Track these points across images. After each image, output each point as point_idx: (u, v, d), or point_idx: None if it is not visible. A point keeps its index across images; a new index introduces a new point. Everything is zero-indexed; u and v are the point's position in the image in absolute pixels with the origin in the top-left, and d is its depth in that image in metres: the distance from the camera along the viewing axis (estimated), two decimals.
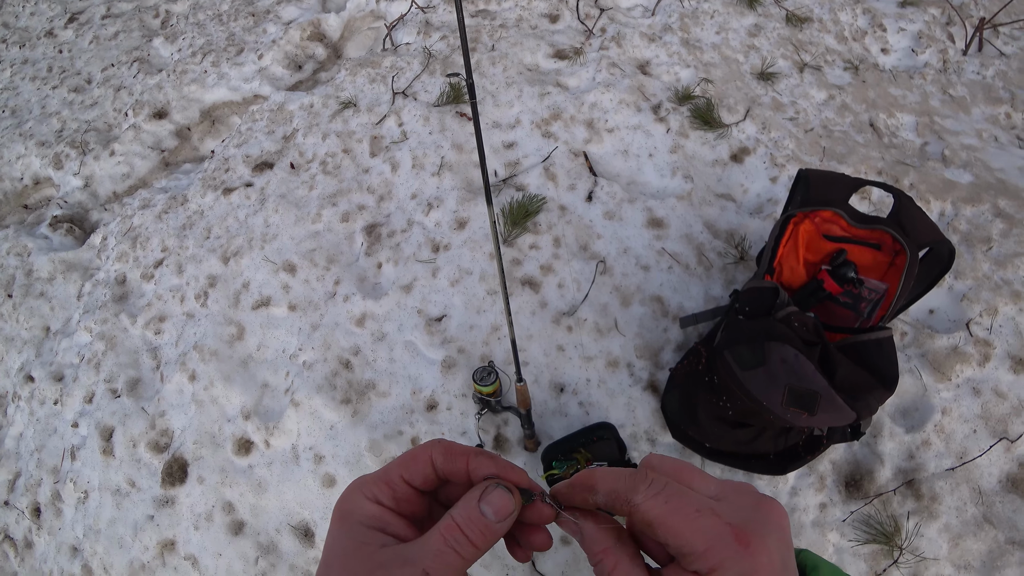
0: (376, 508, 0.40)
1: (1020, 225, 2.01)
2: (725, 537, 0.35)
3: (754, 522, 0.36)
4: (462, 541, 0.38)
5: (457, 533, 0.38)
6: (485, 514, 0.39)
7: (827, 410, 1.21)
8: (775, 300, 1.36)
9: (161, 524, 1.92)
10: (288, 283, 2.18)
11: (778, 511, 0.38)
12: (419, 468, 0.42)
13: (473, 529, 0.39)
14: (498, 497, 0.40)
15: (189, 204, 2.69)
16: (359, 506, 0.40)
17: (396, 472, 0.42)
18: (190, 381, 2.11)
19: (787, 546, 0.37)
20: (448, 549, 0.38)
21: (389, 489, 0.41)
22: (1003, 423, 1.66)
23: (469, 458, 0.42)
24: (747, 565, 0.35)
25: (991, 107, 2.58)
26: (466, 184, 2.22)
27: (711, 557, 0.35)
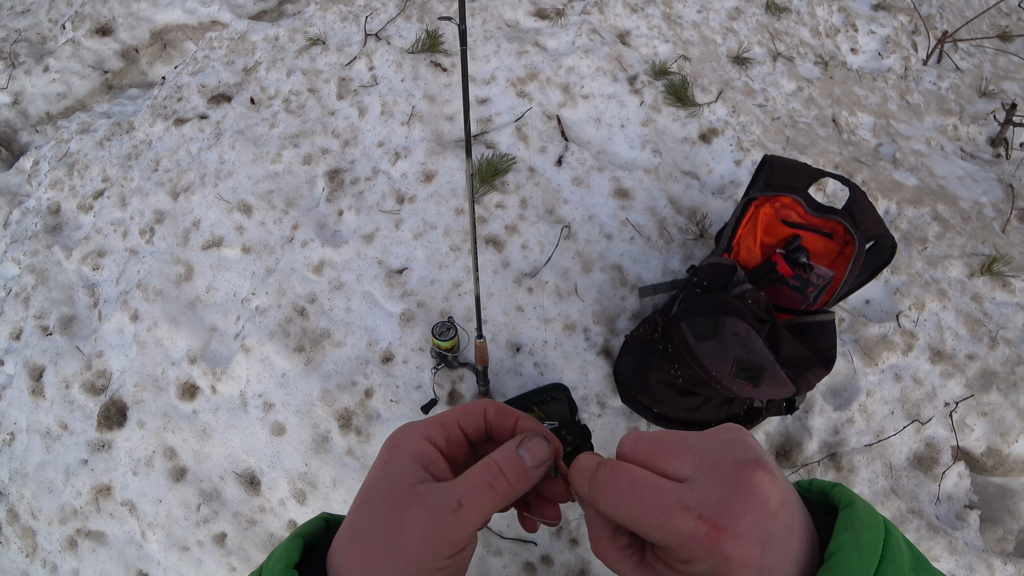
0: (427, 446, 0.43)
1: (953, 230, 2.16)
2: (696, 533, 0.35)
3: (727, 507, 0.35)
4: (499, 478, 0.41)
5: (495, 470, 0.41)
6: (523, 458, 0.42)
7: (770, 383, 1.28)
8: (732, 277, 1.42)
9: (96, 469, 1.85)
10: (243, 224, 2.08)
11: (759, 483, 0.36)
12: (474, 418, 0.45)
13: (510, 469, 0.41)
14: (535, 445, 0.43)
15: (135, 132, 2.50)
16: (410, 441, 0.43)
17: (453, 418, 0.45)
18: (132, 321, 2.01)
19: (770, 518, 0.36)
20: (484, 483, 0.40)
21: (444, 430, 0.44)
22: (917, 407, 1.81)
23: (519, 419, 0.46)
24: (718, 557, 0.35)
25: (942, 117, 2.72)
26: (436, 136, 2.16)
27: (683, 551, 0.36)
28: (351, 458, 1.73)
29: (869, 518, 0.37)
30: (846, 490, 0.40)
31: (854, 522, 0.37)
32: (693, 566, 0.36)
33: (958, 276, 2.04)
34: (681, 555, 0.36)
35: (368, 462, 1.71)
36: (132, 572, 1.81)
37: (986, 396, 1.84)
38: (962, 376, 1.85)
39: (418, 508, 0.39)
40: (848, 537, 0.36)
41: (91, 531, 1.83)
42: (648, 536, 0.38)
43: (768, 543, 0.36)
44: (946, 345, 1.89)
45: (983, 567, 1.66)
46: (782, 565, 0.36)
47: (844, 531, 0.36)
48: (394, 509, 0.39)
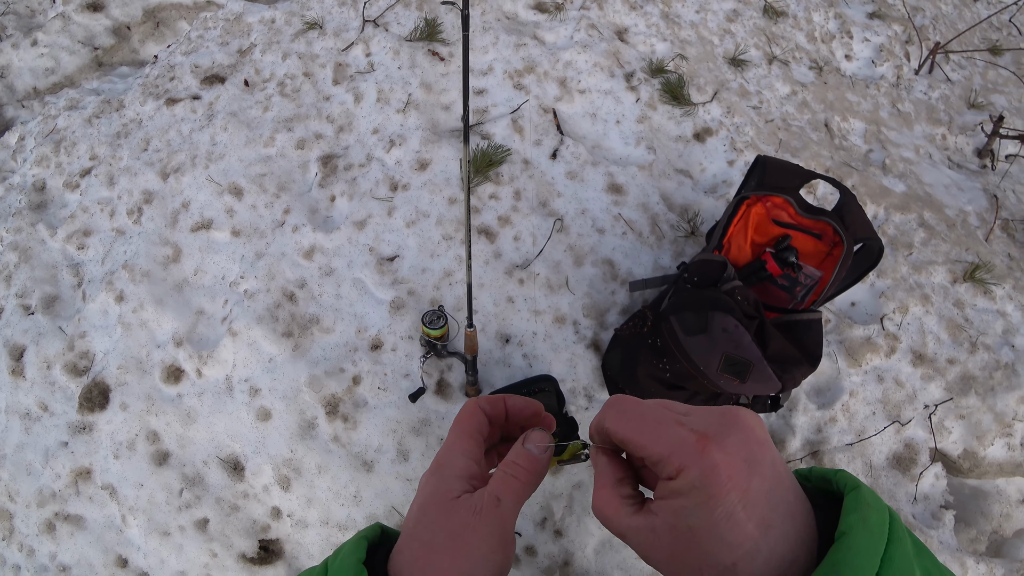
0: (470, 462, 0.50)
1: (938, 237, 2.19)
2: (686, 442, 0.39)
3: (717, 426, 0.40)
4: (517, 469, 0.48)
5: (511, 466, 0.49)
6: (530, 450, 0.49)
7: (757, 379, 1.29)
8: (723, 273, 1.43)
9: (76, 451, 1.83)
10: (233, 207, 2.06)
11: (744, 415, 0.41)
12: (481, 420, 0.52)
13: (523, 460, 0.49)
14: (536, 435, 0.51)
15: (125, 111, 2.46)
16: (455, 461, 0.50)
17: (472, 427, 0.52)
18: (117, 302, 1.98)
19: (756, 443, 0.40)
20: (508, 476, 0.48)
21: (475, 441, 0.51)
22: (897, 408, 1.85)
23: (504, 400, 0.54)
24: (706, 462, 0.38)
25: (931, 127, 2.76)
26: (432, 125, 2.15)
27: (675, 460, 0.39)
28: (337, 445, 1.72)
29: (874, 501, 0.39)
30: (850, 475, 0.42)
31: (861, 504, 0.38)
32: (684, 476, 0.39)
33: (941, 282, 2.08)
34: (673, 463, 0.39)
35: (354, 449, 1.71)
36: (111, 557, 1.79)
37: (965, 400, 1.87)
38: (942, 380, 1.89)
39: (466, 511, 0.46)
40: (857, 518, 0.37)
41: (70, 515, 1.81)
42: (643, 448, 0.41)
43: (754, 465, 0.38)
44: (928, 349, 1.92)
45: (956, 566, 1.70)
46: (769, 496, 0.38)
47: (852, 512, 0.37)
48: (448, 517, 0.46)
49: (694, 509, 0.38)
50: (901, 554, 0.36)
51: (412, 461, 1.69)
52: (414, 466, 1.69)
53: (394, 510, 1.67)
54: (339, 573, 0.44)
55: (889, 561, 0.35)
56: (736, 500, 0.37)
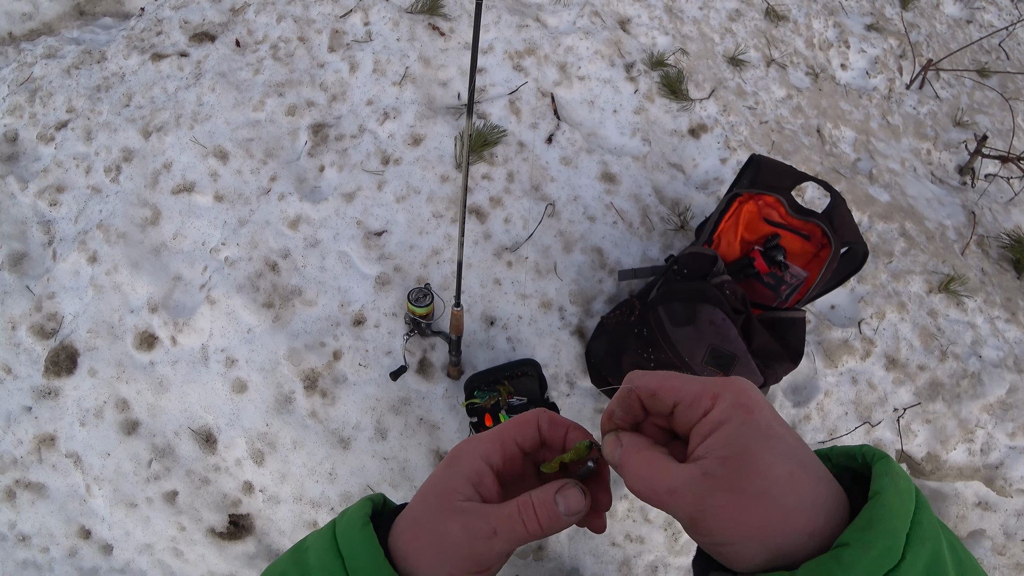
0: (482, 465, 0.47)
1: (917, 248, 2.24)
2: (713, 380, 0.43)
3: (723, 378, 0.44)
4: (531, 517, 0.44)
5: (530, 509, 0.44)
6: (558, 504, 0.45)
7: (740, 373, 1.31)
8: (712, 267, 1.44)
9: (40, 417, 1.77)
10: (217, 171, 2.00)
11: (742, 379, 0.44)
12: (529, 433, 0.49)
13: (543, 512, 0.44)
14: (573, 496, 0.45)
15: (107, 63, 2.36)
16: (469, 458, 0.47)
17: (511, 434, 0.48)
18: (89, 263, 1.92)
19: (760, 396, 0.43)
20: (518, 518, 0.44)
21: (502, 449, 0.48)
22: (869, 410, 1.89)
23: (568, 429, 0.49)
24: (736, 386, 0.41)
25: (918, 141, 2.82)
26: (428, 100, 2.11)
27: (709, 391, 0.41)
28: (314, 420, 1.70)
29: (901, 471, 0.40)
30: (875, 448, 0.44)
31: (892, 470, 0.39)
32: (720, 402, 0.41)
33: (918, 291, 2.13)
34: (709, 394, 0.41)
35: (332, 426, 1.69)
36: (74, 527, 1.74)
37: (932, 405, 1.93)
38: (912, 384, 1.94)
39: (459, 524, 0.44)
40: (888, 481, 0.38)
41: (31, 482, 1.75)
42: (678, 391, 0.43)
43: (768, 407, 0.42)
44: (900, 354, 1.97)
45: None
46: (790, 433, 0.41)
47: (884, 476, 0.39)
48: (441, 517, 0.45)
49: (740, 427, 0.39)
50: (928, 520, 0.38)
51: (390, 440, 1.67)
52: (392, 445, 1.67)
53: (370, 488, 1.65)
54: (347, 527, 0.45)
55: (918, 524, 0.37)
56: (770, 413, 0.40)
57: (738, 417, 0.39)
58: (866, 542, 0.35)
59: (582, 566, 1.69)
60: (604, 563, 1.68)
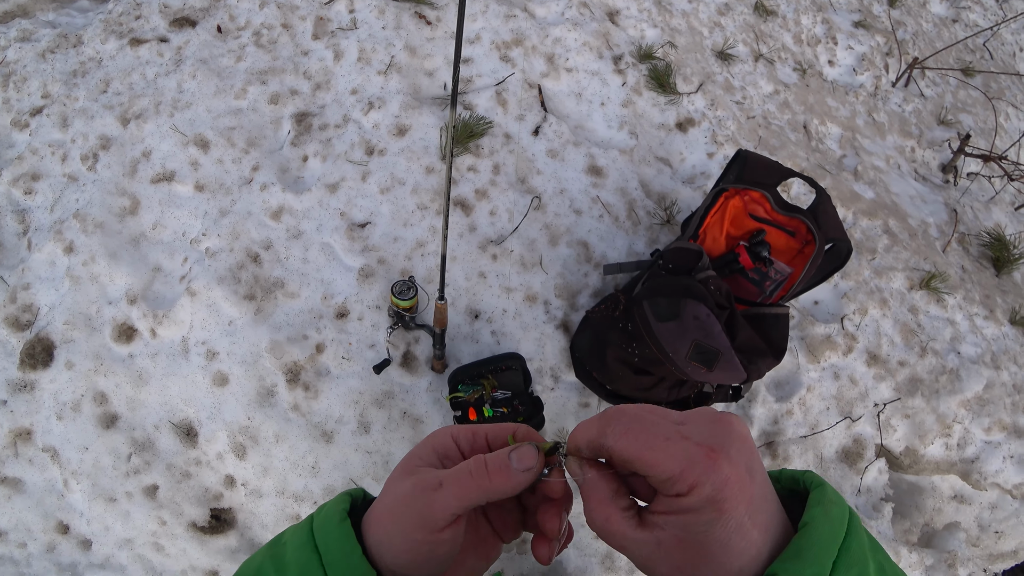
0: (449, 441, 0.48)
1: (900, 245, 2.27)
2: (695, 456, 0.39)
3: (718, 437, 0.40)
4: (481, 470, 0.44)
5: (481, 465, 0.44)
6: (511, 460, 0.45)
7: (724, 369, 1.31)
8: (698, 262, 1.44)
9: (16, 410, 1.74)
10: (198, 160, 1.96)
11: (737, 423, 0.42)
12: (502, 433, 0.49)
13: (494, 464, 0.44)
14: (526, 450, 0.46)
15: (84, 48, 2.30)
16: (439, 434, 0.49)
17: (483, 429, 0.49)
18: (66, 253, 1.87)
19: (749, 452, 0.41)
20: (467, 471, 0.44)
21: (472, 436, 0.49)
22: (850, 405, 1.92)
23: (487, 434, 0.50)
24: (719, 478, 0.38)
25: (902, 139, 2.84)
26: (413, 90, 2.08)
27: (688, 477, 0.39)
28: (296, 414, 1.68)
29: (836, 498, 0.42)
30: (815, 475, 0.45)
31: (824, 499, 0.41)
32: (696, 492, 0.38)
33: (899, 288, 2.16)
34: (687, 480, 0.39)
35: (315, 419, 1.67)
36: (52, 522, 1.71)
37: (911, 400, 1.96)
38: (892, 380, 1.96)
39: (409, 481, 0.45)
40: (819, 511, 0.40)
41: (7, 477, 1.72)
42: (654, 465, 0.40)
43: (753, 474, 0.40)
44: (882, 350, 1.99)
45: (892, 554, 1.79)
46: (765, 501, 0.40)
47: (816, 505, 0.41)
48: (399, 481, 0.46)
49: (707, 524, 0.39)
50: (857, 545, 0.39)
51: (373, 433, 1.66)
52: (375, 438, 1.66)
53: (353, 482, 1.64)
54: (324, 522, 0.45)
55: (846, 550, 0.38)
56: (744, 511, 0.39)
57: (708, 513, 0.39)
58: (793, 571, 0.37)
59: (565, 559, 1.70)
60: (587, 556, 1.69)
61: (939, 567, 1.84)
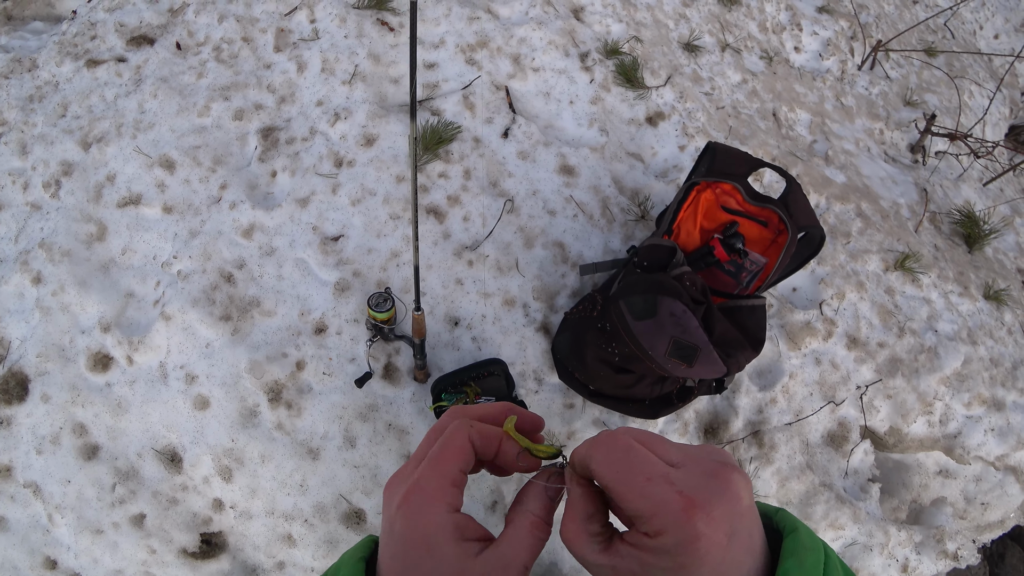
0: (458, 517, 0.43)
1: (873, 227, 2.29)
2: (671, 504, 0.37)
3: (705, 491, 0.38)
4: (544, 530, 0.44)
5: (541, 525, 0.44)
6: (553, 500, 0.45)
7: (703, 363, 1.31)
8: (672, 258, 1.44)
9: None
10: (164, 181, 1.92)
11: (736, 482, 0.39)
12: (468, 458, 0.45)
13: (549, 517, 0.45)
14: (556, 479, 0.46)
15: (39, 72, 2.25)
16: (443, 521, 0.42)
17: (457, 468, 0.44)
18: (34, 284, 1.84)
19: (739, 516, 0.39)
20: (537, 541, 0.43)
21: (458, 490, 0.44)
22: (833, 389, 1.93)
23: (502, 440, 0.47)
24: (688, 533, 0.37)
25: (870, 121, 2.87)
26: (379, 99, 2.06)
27: (656, 522, 0.38)
28: (281, 433, 1.66)
29: (811, 542, 0.40)
30: (789, 515, 0.44)
31: (799, 547, 0.40)
32: (662, 539, 0.37)
33: (875, 270, 2.18)
34: (654, 525, 0.38)
35: (299, 437, 1.65)
36: (38, 558, 1.68)
37: (892, 381, 1.98)
38: (873, 362, 1.99)
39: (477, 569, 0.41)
40: (794, 563, 0.39)
41: None
42: (626, 500, 0.39)
43: (734, 539, 0.38)
44: (861, 333, 2.02)
45: (880, 533, 1.81)
46: (740, 567, 0.38)
47: (790, 556, 0.39)
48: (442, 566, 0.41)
49: (661, 572, 0.38)
50: None
51: (359, 447, 1.65)
52: (361, 452, 1.65)
53: (342, 498, 1.63)
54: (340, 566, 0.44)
55: None
56: (712, 566, 0.37)
57: (666, 562, 0.37)
58: None
59: (559, 560, 1.70)
60: None
61: (928, 543, 1.86)
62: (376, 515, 1.63)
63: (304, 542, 1.64)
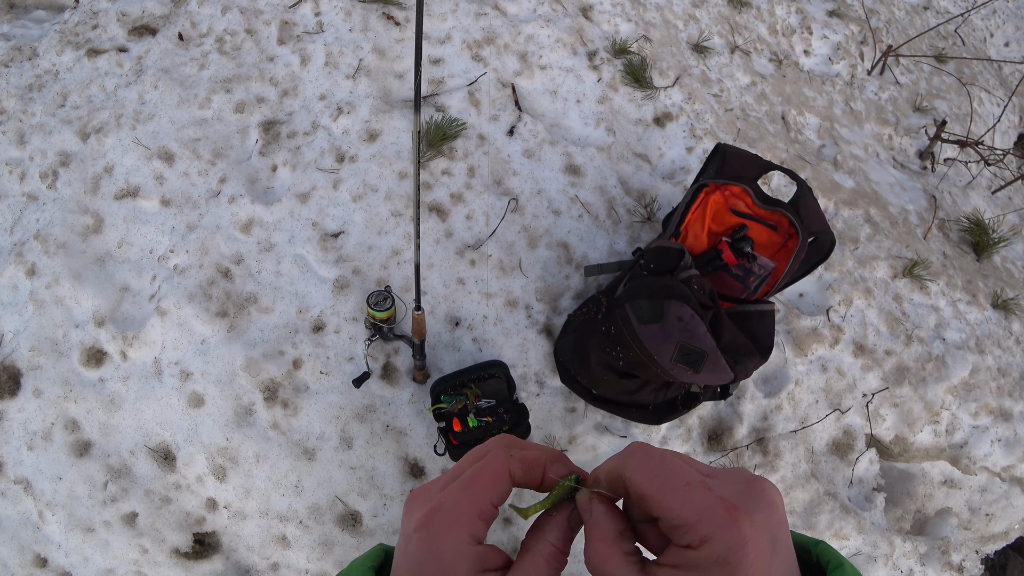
0: (479, 549, 0.41)
1: (882, 233, 2.26)
2: (715, 509, 0.36)
3: (744, 497, 0.37)
4: (562, 561, 0.42)
5: (560, 556, 0.42)
6: (573, 529, 0.43)
7: (711, 370, 1.28)
8: (679, 261, 1.41)
9: None
10: (163, 173, 1.89)
11: (770, 490, 0.38)
12: (504, 490, 0.42)
13: (567, 547, 0.42)
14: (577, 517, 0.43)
15: (39, 60, 2.22)
16: (462, 553, 0.40)
17: (487, 499, 0.42)
18: (28, 276, 1.81)
19: (778, 523, 0.38)
20: (554, 572, 0.41)
21: (484, 523, 0.41)
22: (839, 397, 1.90)
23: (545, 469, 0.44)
24: (736, 538, 0.35)
25: (879, 127, 2.84)
26: (383, 94, 2.03)
27: (701, 528, 0.36)
28: (276, 432, 1.63)
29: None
30: (832, 550, 0.42)
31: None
32: (708, 547, 0.35)
33: (883, 276, 2.15)
34: (699, 532, 0.36)
35: (295, 437, 1.62)
36: (28, 556, 1.66)
37: (899, 389, 1.95)
38: (879, 370, 1.96)
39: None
40: None
41: None
42: (667, 508, 0.37)
43: (776, 549, 0.36)
44: (868, 340, 1.98)
45: (885, 544, 1.78)
46: None
47: None
48: None
49: None
50: None
51: (356, 449, 1.62)
52: (358, 454, 1.62)
53: (338, 500, 1.60)
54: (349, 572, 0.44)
55: None
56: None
57: (716, 574, 0.35)
58: None
59: None
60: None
61: (933, 554, 1.83)
62: (372, 517, 1.60)
63: (299, 544, 1.61)
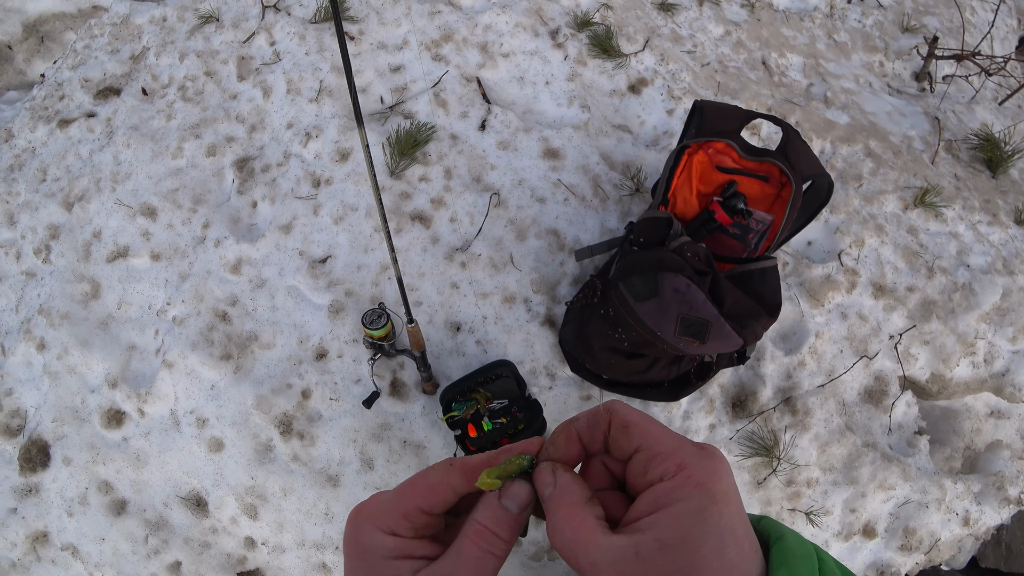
0: (394, 540, 0.40)
1: (885, 165, 2.16)
2: (687, 446, 0.38)
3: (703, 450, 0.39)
4: (494, 542, 0.39)
5: (488, 535, 0.39)
6: (509, 508, 0.40)
7: (717, 338, 1.23)
8: (669, 230, 1.35)
9: (27, 516, 1.73)
10: (148, 229, 1.90)
11: (718, 452, 0.39)
12: (439, 498, 0.41)
13: (501, 526, 0.40)
14: (517, 490, 0.41)
15: (15, 140, 2.25)
16: (376, 541, 0.40)
17: (413, 504, 0.41)
18: (39, 351, 1.85)
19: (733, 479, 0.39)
20: (484, 554, 0.39)
21: (407, 522, 0.41)
22: (864, 343, 1.82)
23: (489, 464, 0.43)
24: (710, 465, 0.37)
25: (868, 55, 2.72)
26: (348, 111, 2.00)
27: (679, 455, 0.37)
28: (298, 464, 1.63)
29: (800, 549, 0.38)
30: (774, 522, 0.41)
31: (788, 557, 0.37)
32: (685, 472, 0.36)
33: (893, 210, 2.05)
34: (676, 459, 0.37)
35: (317, 466, 1.63)
36: None
37: (927, 325, 1.86)
38: (904, 308, 1.87)
39: None
40: (785, 573, 0.36)
41: None
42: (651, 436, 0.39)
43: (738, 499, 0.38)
44: (887, 279, 1.89)
45: (935, 488, 1.70)
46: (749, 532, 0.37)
47: (781, 567, 0.37)
48: None
49: (696, 516, 0.34)
50: None
51: (378, 468, 1.61)
52: (380, 473, 1.61)
53: None
54: None
55: None
56: (735, 512, 0.36)
57: (697, 502, 0.35)
58: None
59: None
60: None
61: (988, 491, 1.75)
62: None
63: (339, 569, 1.61)
